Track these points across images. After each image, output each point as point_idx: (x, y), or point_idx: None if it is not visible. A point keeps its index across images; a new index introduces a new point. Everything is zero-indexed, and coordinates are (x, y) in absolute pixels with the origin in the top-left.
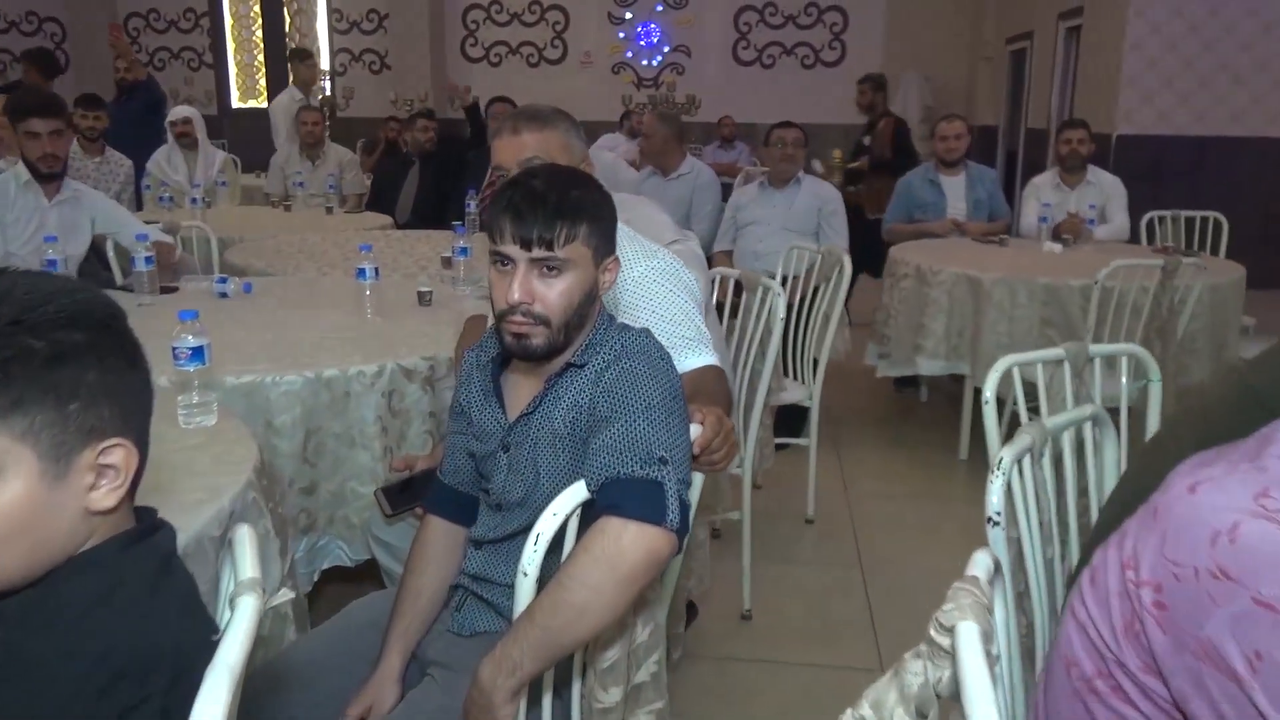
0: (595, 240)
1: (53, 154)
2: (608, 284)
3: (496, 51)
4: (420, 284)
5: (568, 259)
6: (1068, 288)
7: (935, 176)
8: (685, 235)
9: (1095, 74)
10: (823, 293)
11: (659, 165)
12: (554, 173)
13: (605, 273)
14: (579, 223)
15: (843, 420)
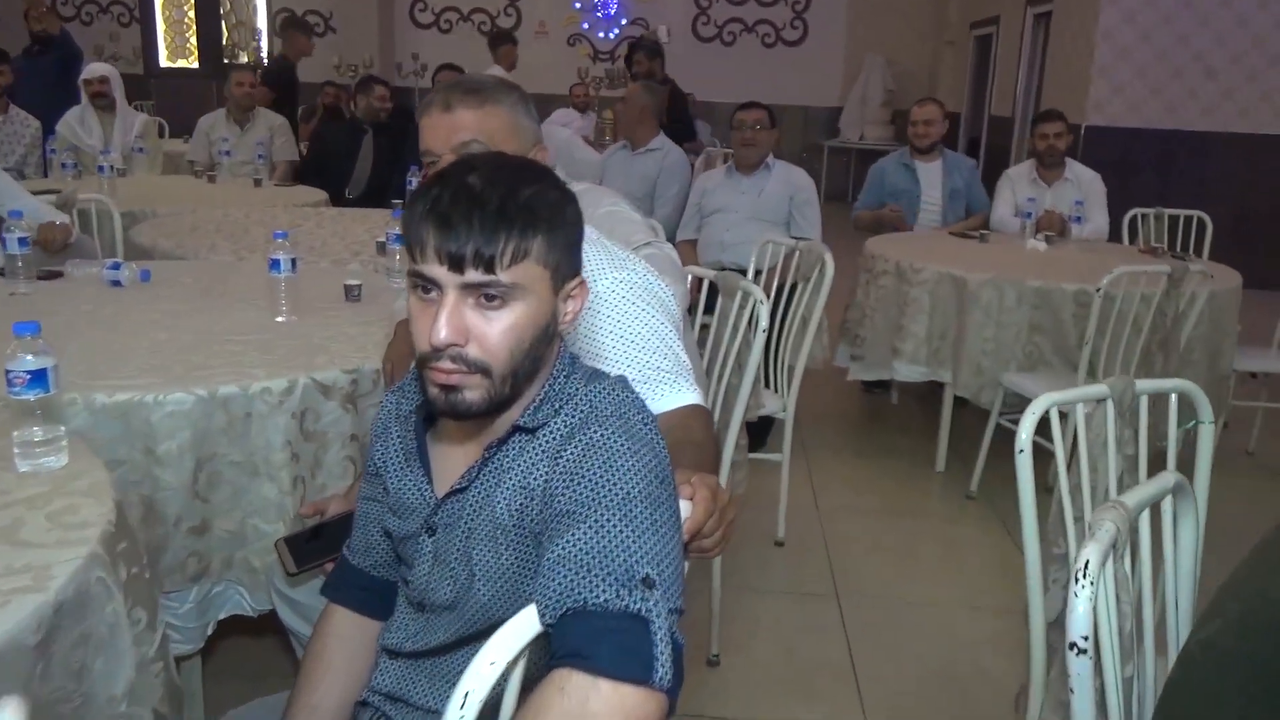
0: (554, 257)
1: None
2: (571, 315)
3: (447, 18)
4: (349, 275)
5: (515, 284)
6: (1060, 292)
7: (910, 162)
8: (658, 237)
9: (1065, 62)
10: (801, 293)
11: (630, 137)
12: (497, 165)
13: (568, 301)
14: (531, 234)
15: (810, 425)
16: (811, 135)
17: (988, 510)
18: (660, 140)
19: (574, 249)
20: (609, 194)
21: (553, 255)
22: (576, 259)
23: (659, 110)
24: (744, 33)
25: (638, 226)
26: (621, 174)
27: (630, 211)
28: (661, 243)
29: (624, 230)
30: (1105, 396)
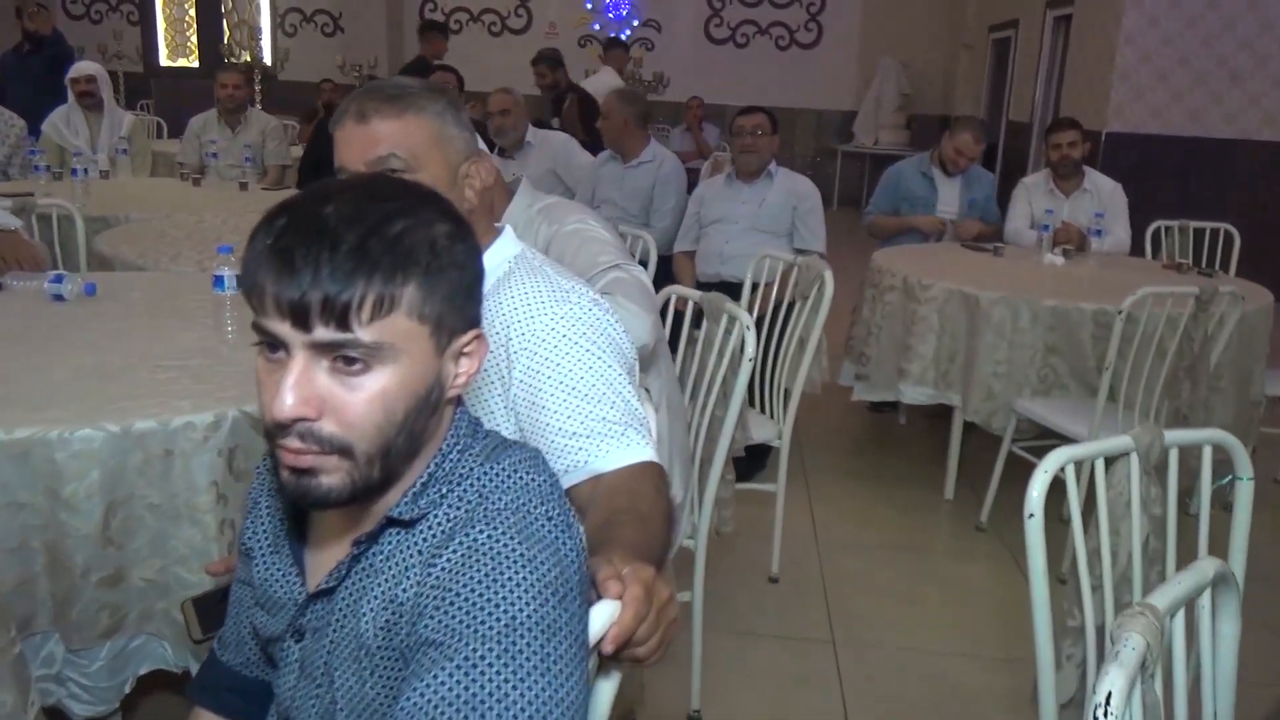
0: (435, 308)
1: None
2: (465, 377)
3: (457, 18)
4: None
5: (380, 344)
6: (1078, 312)
7: (930, 170)
8: (627, 258)
9: (1085, 67)
10: (799, 311)
11: (618, 149)
12: (364, 190)
13: (460, 360)
14: (401, 279)
15: (811, 447)
16: (825, 139)
17: (998, 545)
18: (652, 150)
19: (465, 296)
20: (576, 210)
21: (432, 306)
22: (470, 308)
23: (643, 116)
24: (757, 35)
25: (604, 247)
26: (615, 187)
27: (598, 229)
28: (630, 265)
29: (590, 251)
30: (1129, 450)
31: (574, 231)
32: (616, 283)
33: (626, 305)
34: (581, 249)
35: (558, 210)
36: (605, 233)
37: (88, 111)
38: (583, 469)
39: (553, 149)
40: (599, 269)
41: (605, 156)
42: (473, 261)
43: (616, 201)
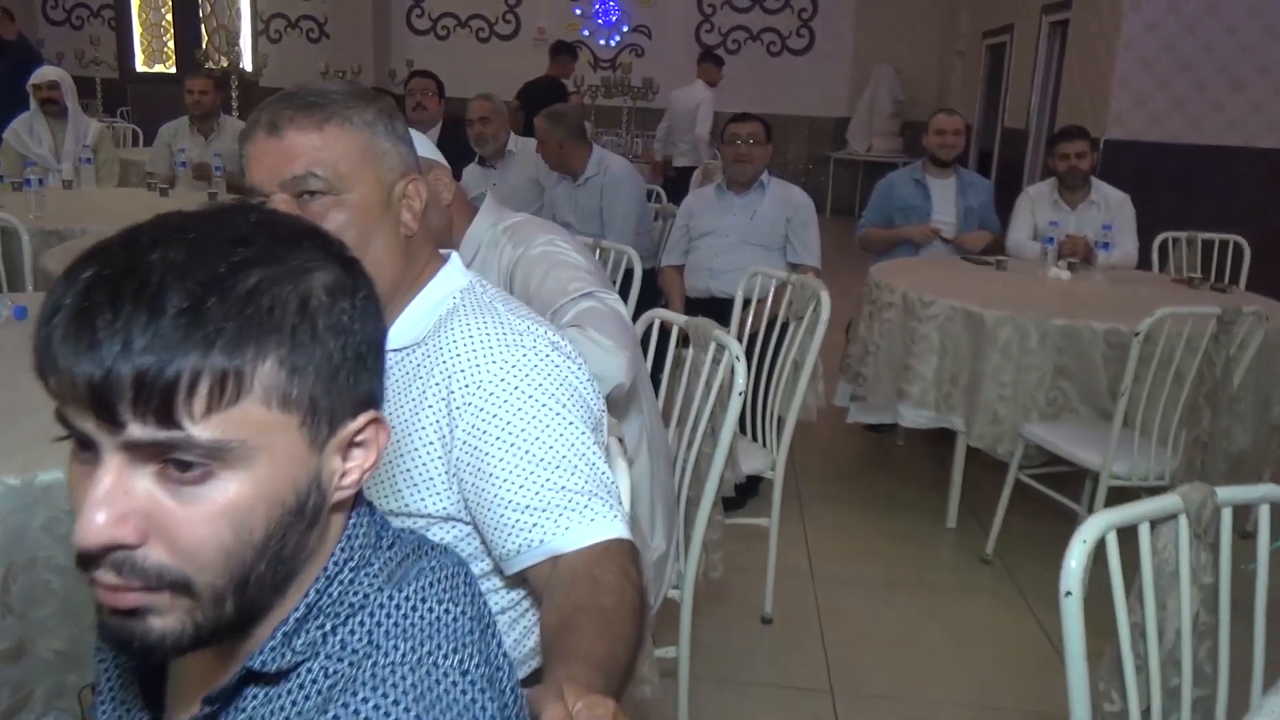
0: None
1: None
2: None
3: (444, 24)
4: None
5: (225, 443)
6: (1089, 332)
7: (922, 177)
8: (601, 287)
9: (1083, 73)
10: (794, 333)
11: (565, 171)
12: (209, 229)
13: (351, 453)
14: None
15: (805, 470)
16: (817, 147)
17: (1004, 579)
18: (594, 161)
19: (354, 369)
20: (545, 229)
21: (302, 387)
22: (362, 383)
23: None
24: (749, 41)
25: (575, 271)
26: (569, 208)
27: (570, 252)
28: (605, 293)
29: (559, 276)
30: (1178, 512)
31: (542, 254)
32: (588, 314)
33: (599, 340)
34: (550, 274)
35: (525, 229)
36: (577, 255)
37: (51, 119)
38: (538, 549)
39: (535, 157)
40: (569, 297)
41: (554, 179)
42: (367, 323)
43: (573, 224)
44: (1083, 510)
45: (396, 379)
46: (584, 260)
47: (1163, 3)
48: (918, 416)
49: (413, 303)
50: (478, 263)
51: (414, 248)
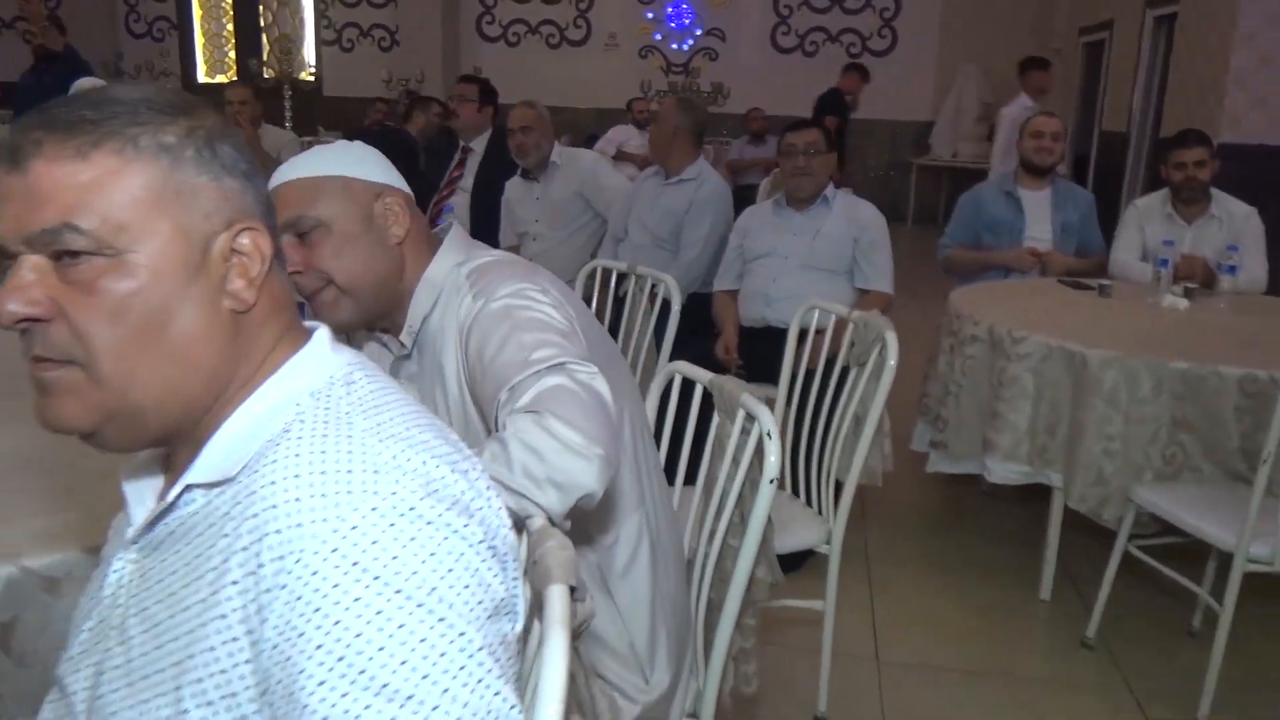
0: None
1: None
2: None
3: (515, 30)
4: None
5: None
6: (1218, 378)
7: (1014, 189)
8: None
9: (1193, 71)
10: (854, 381)
11: (662, 161)
12: None
13: None
14: None
15: (872, 519)
16: (899, 152)
17: (1109, 669)
18: (697, 167)
19: None
20: (518, 273)
21: None
22: None
23: (698, 129)
24: (827, 43)
25: (544, 334)
26: (648, 205)
27: (542, 305)
28: (580, 365)
29: (520, 343)
30: None
31: (503, 310)
32: (553, 395)
33: (562, 435)
34: (510, 339)
35: (492, 274)
36: (552, 310)
37: None
38: None
39: (580, 169)
40: (530, 371)
41: (648, 173)
42: None
43: (646, 223)
44: (1205, 594)
45: (190, 539)
46: (560, 317)
47: None
48: (1007, 471)
49: (230, 419)
50: (437, 315)
51: (247, 331)
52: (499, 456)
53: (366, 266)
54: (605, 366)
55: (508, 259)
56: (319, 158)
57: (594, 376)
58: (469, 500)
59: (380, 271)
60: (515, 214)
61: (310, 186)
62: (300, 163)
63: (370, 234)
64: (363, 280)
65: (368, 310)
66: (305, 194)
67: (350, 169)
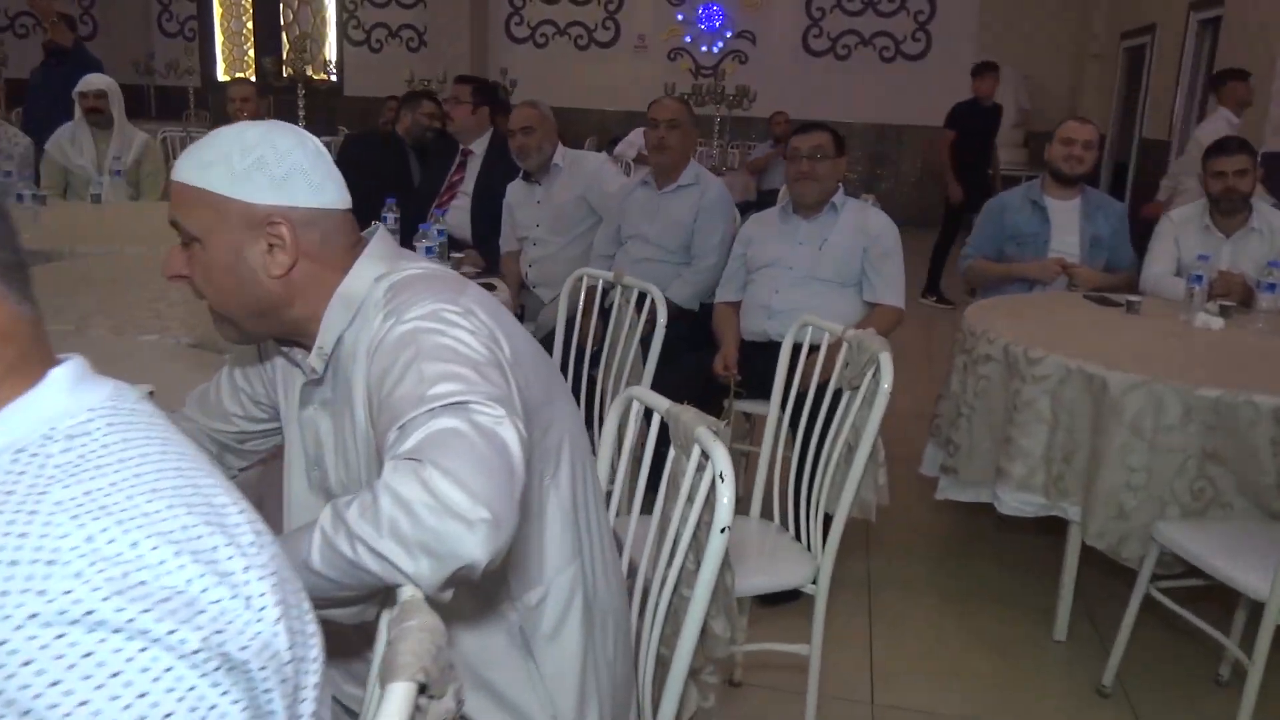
0: None
1: None
2: None
3: (543, 31)
4: None
5: None
6: (1251, 408)
7: (1040, 197)
8: (484, 396)
9: None
10: (846, 406)
11: (675, 170)
12: None
13: None
14: None
15: (875, 543)
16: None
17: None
18: (693, 171)
19: None
20: (437, 289)
21: None
22: None
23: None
24: (860, 46)
25: (452, 367)
26: (647, 218)
27: (458, 330)
28: (484, 406)
29: (420, 375)
30: None
31: (410, 333)
32: (441, 439)
33: (444, 494)
34: (411, 368)
35: (410, 290)
36: (468, 337)
37: (97, 129)
38: None
39: (584, 172)
40: (424, 409)
41: (635, 182)
42: None
43: (649, 237)
44: (1233, 646)
45: None
46: (479, 345)
47: None
48: (1020, 502)
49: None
50: (351, 334)
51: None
52: (367, 511)
53: (236, 299)
54: (541, 401)
55: (435, 272)
56: (205, 161)
57: (499, 422)
58: (198, 592)
59: (253, 304)
60: (516, 218)
61: (189, 194)
62: (191, 157)
63: (242, 265)
64: (235, 310)
65: (254, 333)
66: (183, 199)
67: (233, 187)
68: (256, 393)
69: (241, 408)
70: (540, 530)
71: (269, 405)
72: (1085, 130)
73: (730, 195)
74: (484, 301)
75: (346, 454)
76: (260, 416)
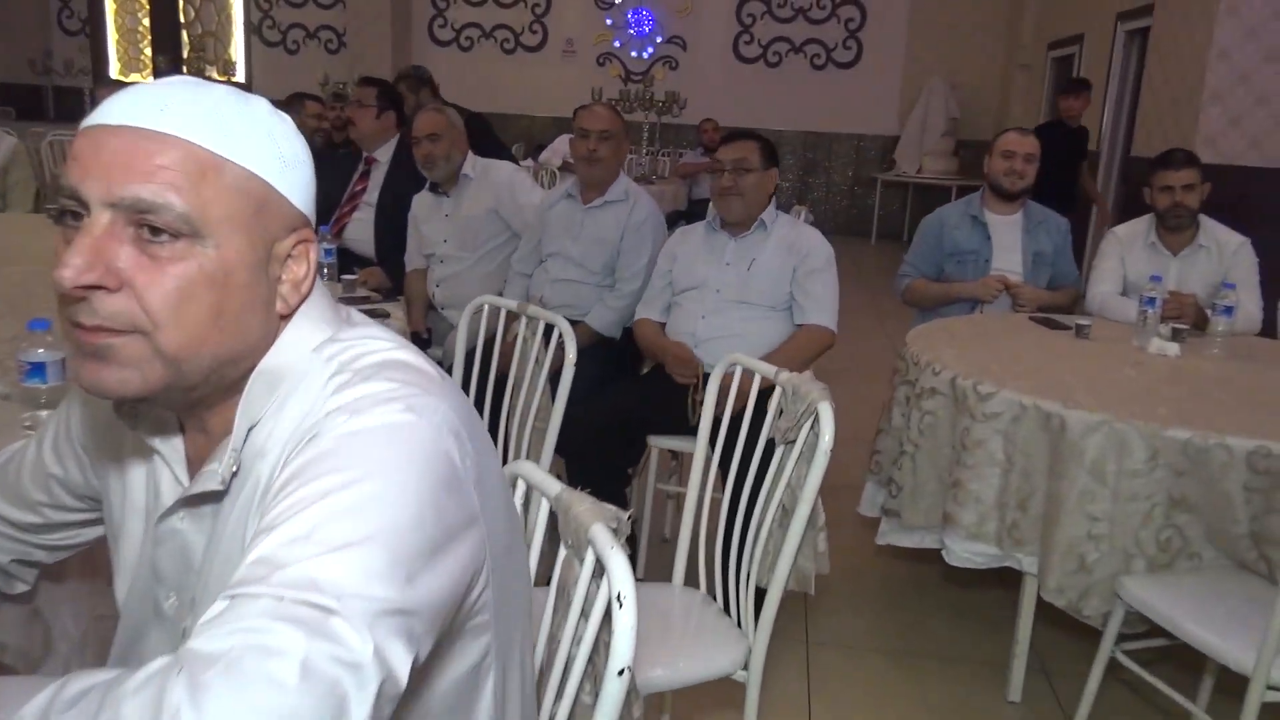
0: None
1: None
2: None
3: (468, 35)
4: None
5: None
6: (1224, 451)
7: (980, 213)
8: (355, 627)
9: (1166, 88)
10: (781, 461)
11: (604, 183)
12: None
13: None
14: None
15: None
16: (864, 167)
17: None
18: (623, 186)
19: None
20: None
21: None
22: None
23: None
24: (791, 53)
25: (357, 546)
26: (567, 234)
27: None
28: (340, 648)
29: (311, 533)
30: None
31: (346, 448)
32: (240, 666)
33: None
34: (308, 512)
35: (384, 377)
36: (420, 502)
37: None
38: None
39: (496, 183)
40: (269, 592)
41: (558, 194)
42: None
43: (571, 255)
44: (1202, 714)
45: None
46: (432, 519)
47: (1264, 4)
48: (971, 552)
49: None
50: (267, 424)
51: None
52: (83, 715)
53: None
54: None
55: (412, 363)
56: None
57: (353, 671)
58: None
59: (232, 349)
60: (422, 233)
61: (208, 164)
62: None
63: (259, 286)
64: (201, 353)
65: (177, 399)
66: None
67: (283, 175)
68: (72, 481)
69: (49, 496)
70: None
71: (90, 498)
72: (1027, 143)
73: (661, 215)
74: (470, 418)
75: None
76: (75, 508)
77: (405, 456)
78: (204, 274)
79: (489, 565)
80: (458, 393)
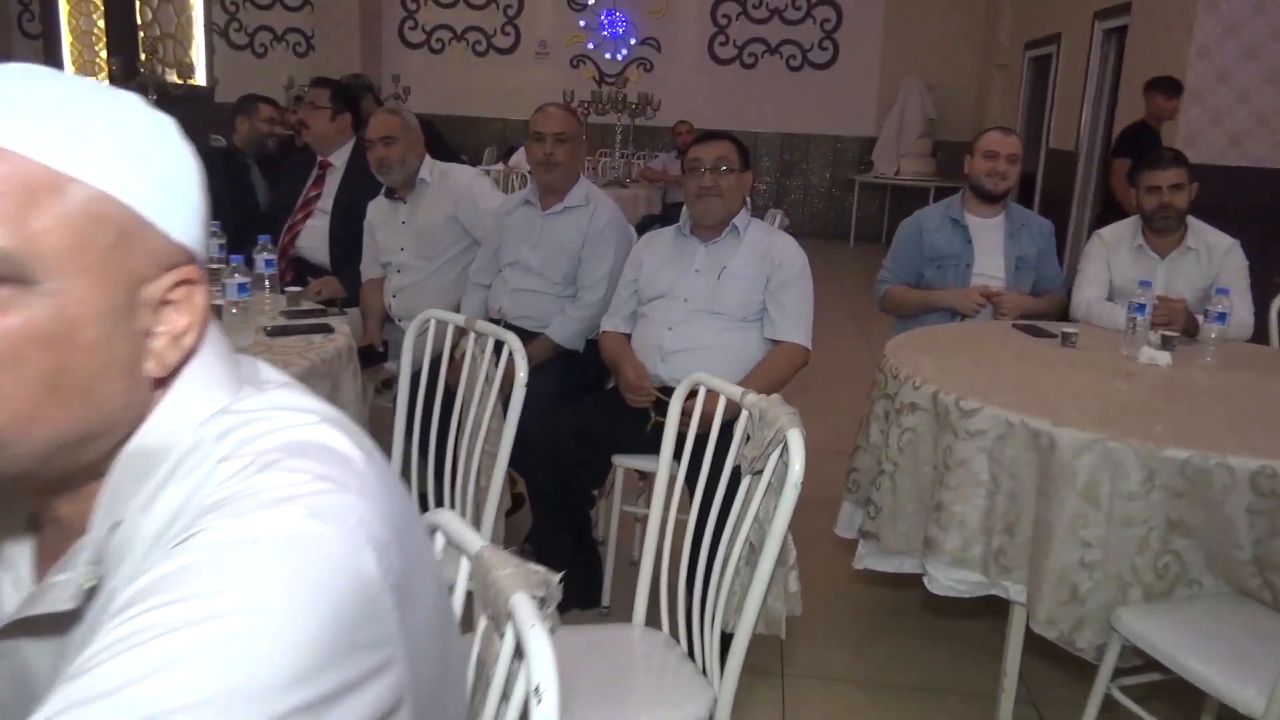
0: None
1: None
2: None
3: (439, 37)
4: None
5: None
6: (1225, 472)
7: (961, 215)
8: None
9: None
10: (748, 493)
11: (562, 189)
12: None
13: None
14: None
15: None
16: (841, 169)
17: None
18: (583, 190)
19: None
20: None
21: None
22: None
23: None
24: (767, 54)
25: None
26: (526, 241)
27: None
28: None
29: (156, 657)
30: None
31: (214, 563)
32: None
33: None
34: (158, 642)
35: (283, 466)
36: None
37: None
38: None
39: (454, 189)
40: None
41: (516, 200)
42: None
43: (530, 264)
44: None
45: None
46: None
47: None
48: (954, 581)
49: None
50: (133, 519)
51: None
52: None
53: (60, 404)
54: None
55: (330, 444)
56: (76, 129)
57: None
58: None
59: (87, 422)
60: (379, 240)
61: (40, 181)
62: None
63: (117, 341)
64: (40, 429)
65: (17, 482)
66: (25, 189)
67: (150, 198)
68: None
69: None
70: None
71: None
72: (1009, 143)
73: (624, 220)
74: (395, 492)
75: None
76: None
77: (295, 580)
78: (33, 330)
79: (409, 705)
80: (388, 484)
